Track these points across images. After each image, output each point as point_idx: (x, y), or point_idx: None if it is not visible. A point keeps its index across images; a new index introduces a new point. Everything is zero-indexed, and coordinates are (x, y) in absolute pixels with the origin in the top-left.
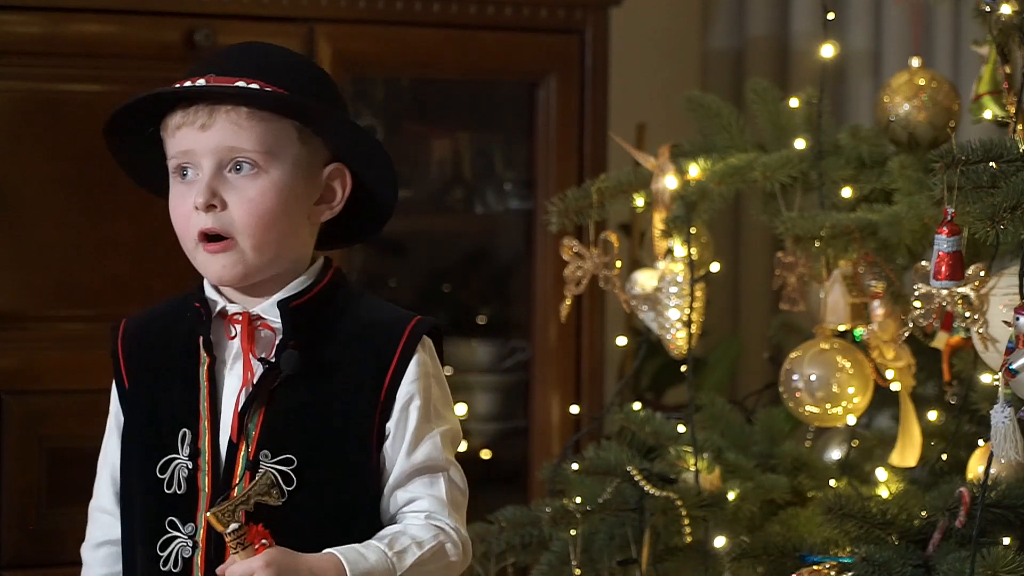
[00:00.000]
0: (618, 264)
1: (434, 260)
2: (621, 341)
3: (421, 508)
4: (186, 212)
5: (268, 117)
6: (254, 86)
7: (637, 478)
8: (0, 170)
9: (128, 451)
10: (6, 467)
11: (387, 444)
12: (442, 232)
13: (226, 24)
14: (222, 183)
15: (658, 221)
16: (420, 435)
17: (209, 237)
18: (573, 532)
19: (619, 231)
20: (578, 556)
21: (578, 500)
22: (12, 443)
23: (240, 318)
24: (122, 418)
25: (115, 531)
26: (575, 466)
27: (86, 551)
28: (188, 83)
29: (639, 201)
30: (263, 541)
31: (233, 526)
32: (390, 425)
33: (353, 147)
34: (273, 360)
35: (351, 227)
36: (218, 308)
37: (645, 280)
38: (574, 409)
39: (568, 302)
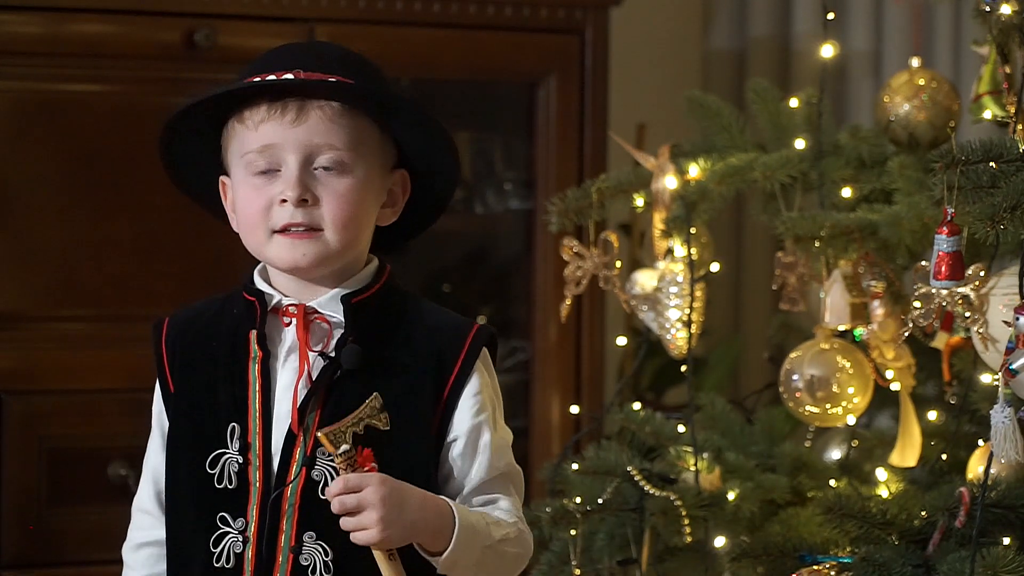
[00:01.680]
0: (618, 264)
1: (434, 260)
2: (621, 341)
3: (500, 507)
4: (264, 205)
5: (357, 116)
6: (345, 84)
7: (637, 478)
8: (0, 170)
9: (175, 451)
10: (6, 467)
11: (455, 453)
12: (442, 232)
13: (226, 24)
14: (310, 179)
15: (658, 221)
16: (498, 445)
17: (291, 229)
18: (573, 532)
19: (619, 231)
20: (578, 556)
21: (578, 500)
22: (12, 443)
23: (295, 310)
24: (165, 420)
25: (157, 532)
26: (575, 466)
27: (127, 552)
28: (272, 76)
29: (639, 201)
30: (373, 464)
31: (344, 447)
32: (458, 433)
33: (423, 152)
34: (332, 354)
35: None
36: (273, 302)
37: (645, 280)
38: (574, 409)
39: (568, 302)
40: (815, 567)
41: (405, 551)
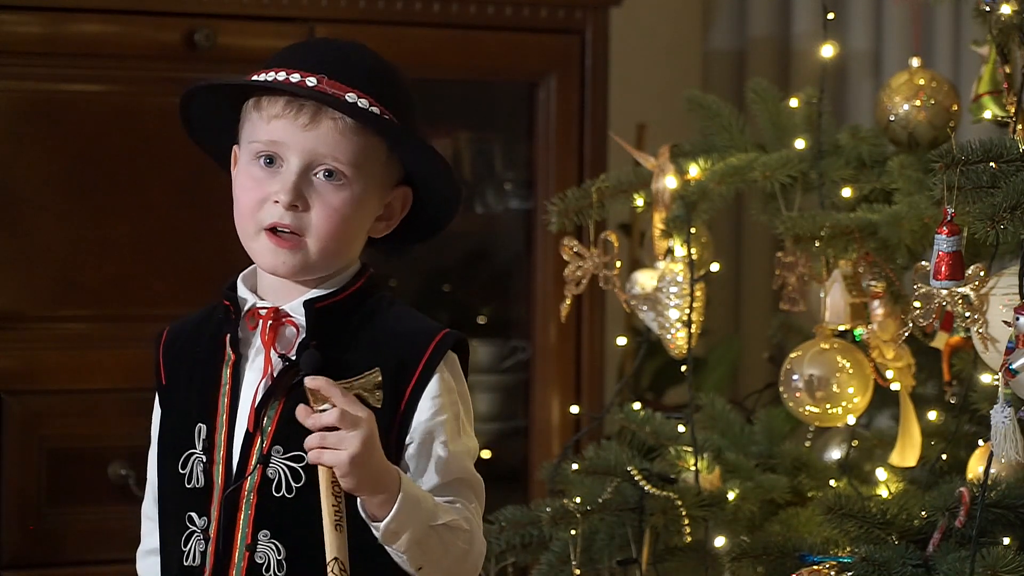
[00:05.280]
0: (618, 264)
1: (434, 260)
2: (621, 341)
3: (455, 508)
4: (259, 198)
5: (367, 132)
6: (363, 102)
7: (637, 478)
8: (0, 170)
9: (160, 452)
10: (6, 467)
11: (409, 453)
12: (442, 232)
13: (226, 24)
14: (307, 185)
15: (658, 221)
16: (457, 450)
17: (278, 231)
18: (573, 532)
19: (619, 231)
20: (578, 556)
21: (578, 500)
22: (12, 443)
23: (265, 313)
24: (159, 419)
25: (157, 538)
26: (575, 466)
27: (138, 558)
28: (297, 75)
29: (639, 201)
30: None
31: (325, 405)
32: (414, 435)
33: (428, 174)
34: (292, 357)
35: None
36: (247, 306)
37: (645, 280)
38: (574, 409)
39: (568, 302)
40: (815, 567)
41: (356, 528)
